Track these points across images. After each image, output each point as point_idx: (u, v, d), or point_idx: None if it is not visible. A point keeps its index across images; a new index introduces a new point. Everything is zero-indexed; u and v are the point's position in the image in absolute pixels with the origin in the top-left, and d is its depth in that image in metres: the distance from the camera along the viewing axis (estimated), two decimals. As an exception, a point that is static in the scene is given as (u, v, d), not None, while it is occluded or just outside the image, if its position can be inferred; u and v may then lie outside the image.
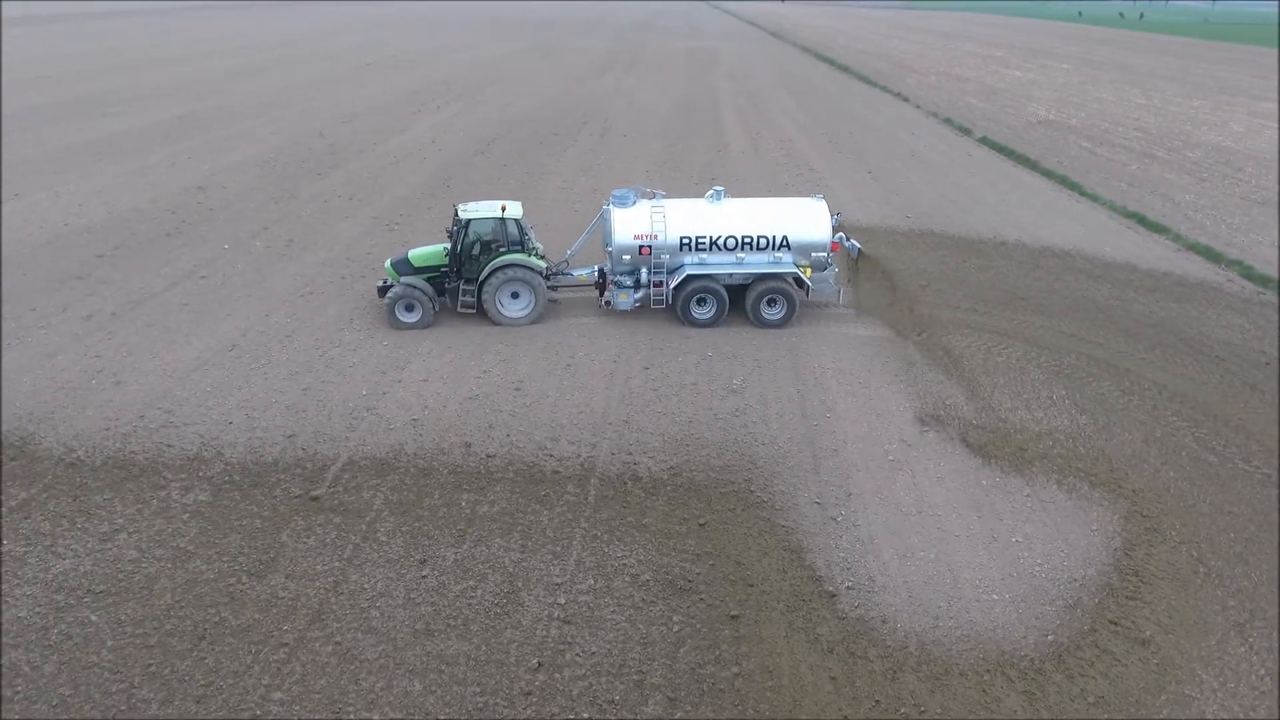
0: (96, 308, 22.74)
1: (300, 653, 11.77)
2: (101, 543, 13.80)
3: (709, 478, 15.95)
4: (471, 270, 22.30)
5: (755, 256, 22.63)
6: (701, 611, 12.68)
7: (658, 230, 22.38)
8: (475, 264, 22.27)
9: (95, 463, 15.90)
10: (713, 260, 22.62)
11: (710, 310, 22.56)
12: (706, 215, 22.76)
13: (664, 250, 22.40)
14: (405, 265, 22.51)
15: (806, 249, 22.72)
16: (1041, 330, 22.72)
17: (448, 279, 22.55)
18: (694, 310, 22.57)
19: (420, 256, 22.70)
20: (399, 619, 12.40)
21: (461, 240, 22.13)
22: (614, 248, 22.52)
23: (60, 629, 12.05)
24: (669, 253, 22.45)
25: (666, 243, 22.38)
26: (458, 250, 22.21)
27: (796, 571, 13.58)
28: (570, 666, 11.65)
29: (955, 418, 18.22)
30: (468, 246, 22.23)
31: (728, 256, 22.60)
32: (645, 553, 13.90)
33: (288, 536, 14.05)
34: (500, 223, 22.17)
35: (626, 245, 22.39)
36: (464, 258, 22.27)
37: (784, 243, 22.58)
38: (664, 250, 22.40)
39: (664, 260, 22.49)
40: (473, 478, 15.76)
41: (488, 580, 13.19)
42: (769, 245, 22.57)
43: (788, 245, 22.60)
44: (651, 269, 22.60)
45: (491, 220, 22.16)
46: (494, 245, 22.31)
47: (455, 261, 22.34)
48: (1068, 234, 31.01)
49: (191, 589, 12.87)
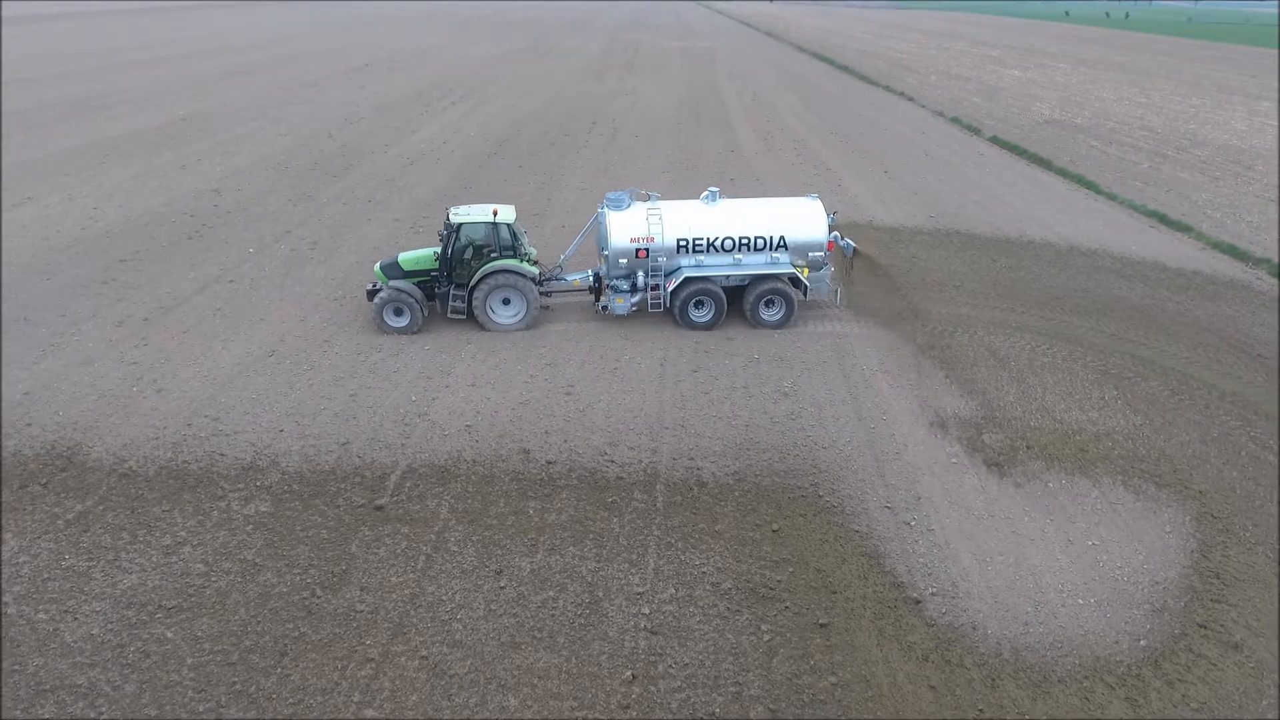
0: (127, 313, 22.30)
1: (387, 668, 11.48)
2: (166, 556, 13.45)
3: (774, 482, 15.75)
4: (462, 275, 21.79)
5: (752, 257, 22.37)
6: (789, 620, 12.47)
7: (654, 233, 22.01)
8: (466, 269, 21.77)
9: (149, 473, 15.52)
10: (710, 262, 22.29)
11: (708, 313, 22.23)
12: (703, 217, 22.41)
13: (661, 253, 22.04)
14: (395, 269, 21.94)
15: (803, 249, 22.49)
16: (1082, 330, 22.67)
17: (438, 284, 21.99)
18: (692, 313, 22.23)
19: (410, 260, 22.12)
20: (483, 631, 12.13)
21: (452, 244, 21.57)
22: (610, 251, 22.07)
23: (136, 646, 11.70)
24: (666, 255, 22.09)
25: (663, 245, 22.02)
26: (448, 255, 21.64)
27: (877, 578, 13.40)
28: (665, 679, 11.41)
29: (1011, 419, 18.10)
30: (458, 251, 21.70)
31: (725, 258, 22.30)
32: (722, 560, 13.68)
33: (357, 547, 13.74)
34: (492, 227, 21.64)
35: (623, 248, 21.98)
36: (454, 262, 21.73)
37: (781, 243, 22.34)
38: (661, 253, 22.04)
39: (661, 263, 22.09)
40: (536, 485, 15.49)
41: (567, 590, 12.93)
42: (766, 246, 22.33)
43: (784, 245, 22.37)
44: (648, 272, 22.19)
45: (483, 224, 21.61)
46: (486, 250, 21.82)
47: (445, 266, 21.77)
48: (1092, 233, 31.04)
49: (265, 603, 12.55)
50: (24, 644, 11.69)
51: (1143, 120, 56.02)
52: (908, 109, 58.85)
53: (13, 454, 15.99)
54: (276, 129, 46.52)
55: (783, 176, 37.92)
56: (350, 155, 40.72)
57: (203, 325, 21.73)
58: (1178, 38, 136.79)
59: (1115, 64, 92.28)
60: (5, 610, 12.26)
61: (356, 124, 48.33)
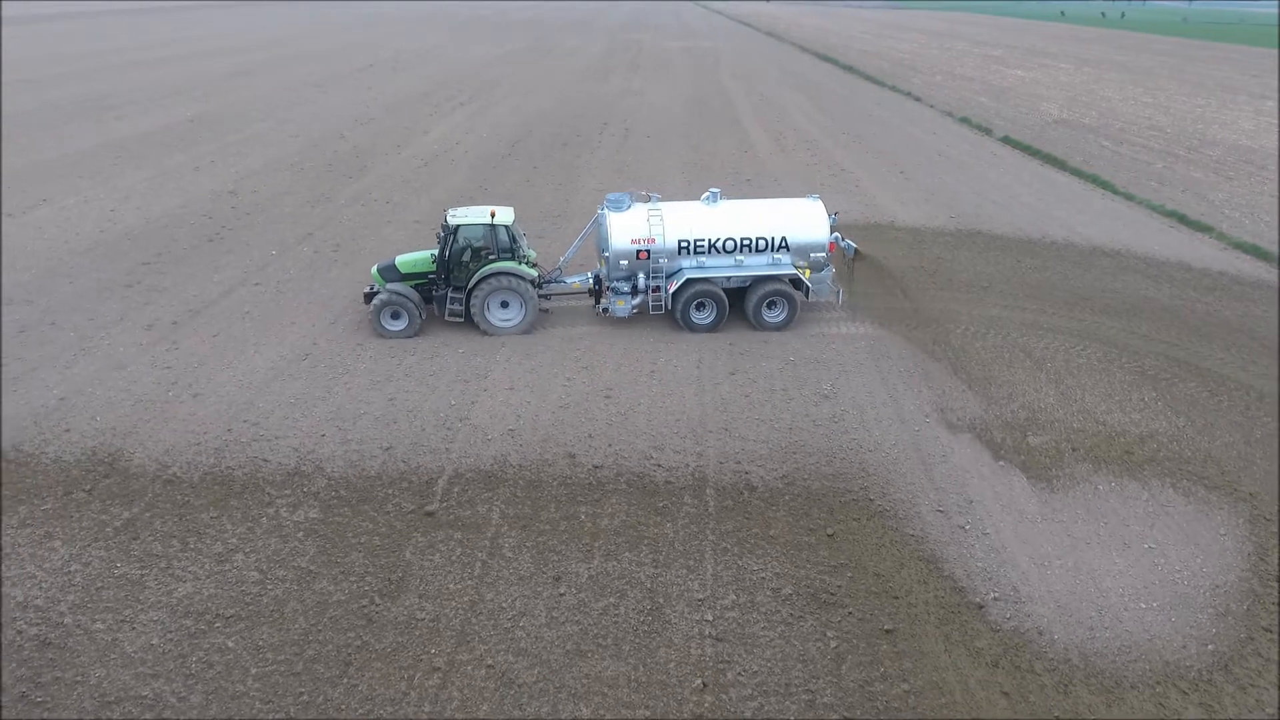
0: (155, 317, 22.10)
1: (454, 677, 11.34)
2: (219, 564, 13.28)
3: (824, 486, 15.65)
4: (460, 278, 21.48)
5: (754, 259, 22.17)
6: (853, 626, 12.37)
7: (655, 234, 21.77)
8: (464, 271, 21.48)
9: (193, 479, 15.36)
10: (711, 263, 22.07)
11: (710, 315, 22.01)
12: (704, 218, 22.19)
13: (662, 254, 21.81)
14: (392, 272, 21.67)
15: (805, 250, 22.31)
16: (1114, 331, 22.62)
17: (435, 286, 21.70)
18: (693, 315, 22.00)
19: (407, 263, 21.84)
20: (547, 639, 12.00)
21: (450, 247, 21.28)
22: (611, 253, 21.79)
23: (198, 656, 11.54)
24: (667, 257, 21.86)
25: (664, 246, 21.79)
26: (446, 257, 21.35)
27: (938, 582, 13.31)
28: (735, 686, 11.30)
29: (1053, 421, 18.03)
30: (456, 253, 21.41)
31: (726, 259, 22.10)
32: (780, 565, 13.58)
33: (411, 554, 13.60)
34: (490, 229, 21.34)
35: (624, 250, 21.73)
36: (452, 265, 21.44)
37: (783, 244, 22.16)
38: (662, 254, 21.81)
39: (662, 264, 21.86)
40: (585, 489, 15.36)
41: (627, 597, 12.81)
42: (768, 247, 22.13)
43: (786, 246, 22.18)
44: (649, 274, 21.94)
45: (481, 226, 21.32)
46: (484, 252, 21.54)
47: (443, 269, 21.48)
48: (1113, 233, 31.02)
49: (324, 611, 12.40)
50: (84, 654, 11.52)
51: (1151, 120, 56.10)
52: (916, 109, 58.83)
53: (53, 460, 15.81)
54: (286, 130, 46.27)
55: (799, 177, 37.82)
56: (363, 156, 40.51)
57: (232, 329, 21.54)
58: (1176, 37, 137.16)
59: (1117, 64, 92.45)
60: (63, 620, 12.10)
61: (367, 125, 48.11)
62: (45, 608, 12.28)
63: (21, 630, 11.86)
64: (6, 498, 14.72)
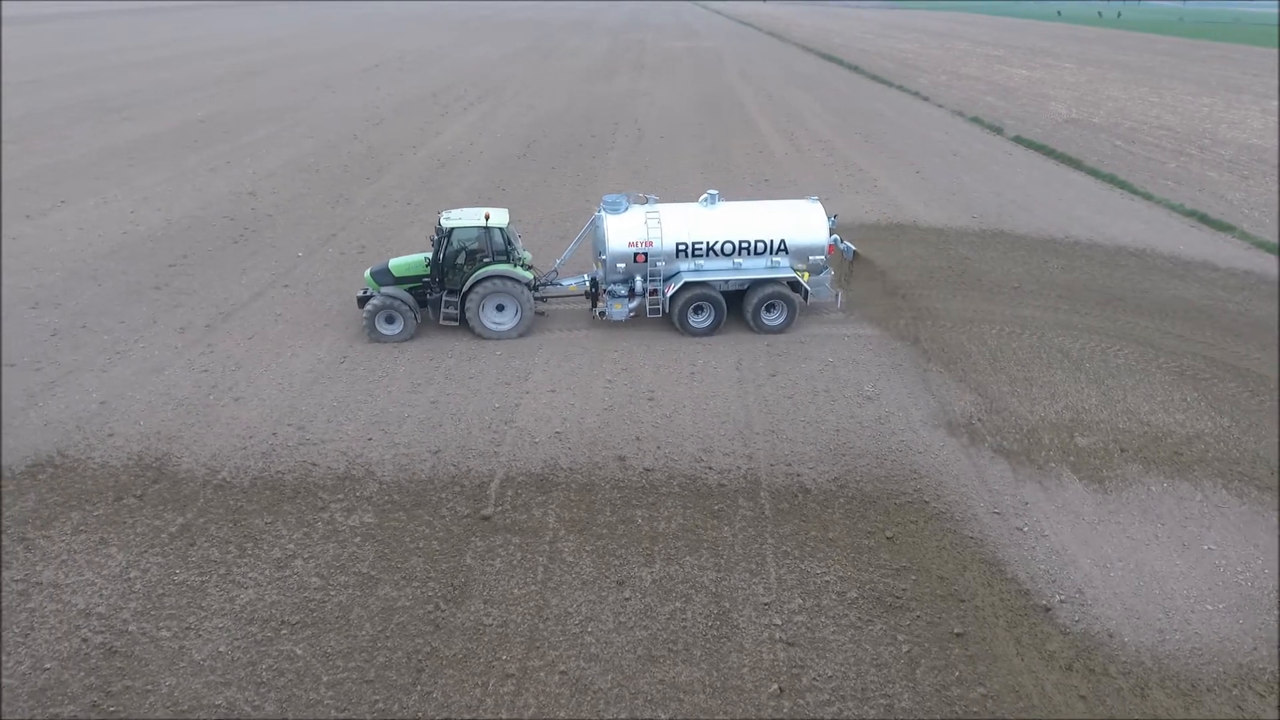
0: (187, 320, 21.95)
1: (528, 683, 11.24)
2: (278, 570, 13.16)
3: (877, 488, 15.58)
4: (454, 281, 21.22)
5: (752, 261, 21.97)
6: (923, 630, 12.30)
7: (653, 236, 21.50)
8: (458, 274, 21.21)
9: (243, 484, 15.23)
10: (709, 266, 21.81)
11: (708, 318, 21.76)
12: (702, 220, 21.95)
13: (659, 257, 21.57)
14: (385, 275, 21.36)
15: (804, 252, 22.09)
16: (1148, 331, 22.60)
17: (430, 290, 21.40)
18: (691, 319, 21.72)
19: (401, 266, 21.57)
20: (617, 644, 11.90)
21: (444, 249, 21.00)
22: (608, 256, 21.54)
23: (268, 664, 11.42)
24: (664, 259, 21.63)
25: (662, 249, 21.55)
26: (440, 260, 21.09)
27: (1002, 585, 13.24)
28: (811, 691, 11.22)
29: (1098, 422, 17.98)
30: (450, 256, 21.14)
31: (724, 262, 21.86)
32: (842, 568, 13.50)
33: (471, 559, 13.49)
34: (484, 231, 21.05)
35: (621, 253, 21.47)
36: (447, 268, 21.18)
37: (781, 246, 21.91)
38: (659, 257, 21.57)
39: (659, 267, 21.62)
40: (639, 493, 15.27)
41: (693, 601, 12.72)
42: (766, 249, 21.89)
43: (785, 249, 21.94)
44: (646, 277, 21.69)
45: (475, 229, 21.04)
46: (478, 255, 21.27)
47: (437, 272, 21.22)
48: (1135, 233, 31.04)
49: (390, 618, 12.28)
50: (152, 663, 11.39)
51: (1159, 119, 56.20)
52: (925, 109, 58.85)
53: (100, 465, 15.67)
54: (298, 131, 46.08)
55: (817, 178, 37.79)
56: (379, 157, 40.36)
57: (266, 331, 21.40)
58: (1174, 37, 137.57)
59: (1119, 63, 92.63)
60: (126, 627, 11.96)
61: (379, 125, 47.94)
62: (108, 615, 12.15)
63: (86, 638, 11.73)
64: (58, 503, 14.59)
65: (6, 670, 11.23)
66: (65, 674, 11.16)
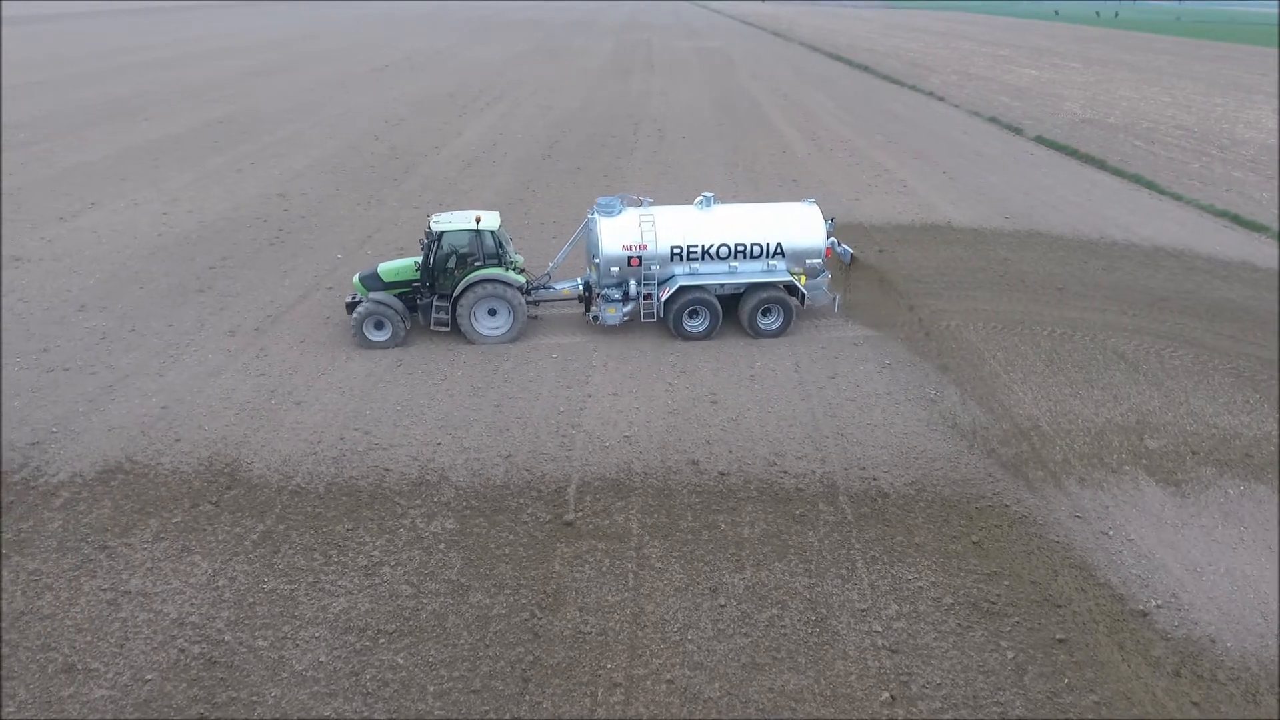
0: (235, 323, 21.76)
1: (637, 693, 11.11)
2: (367, 577, 13.01)
3: (955, 492, 15.49)
4: (445, 285, 20.88)
5: (749, 265, 21.61)
6: (1025, 636, 12.20)
7: (647, 240, 21.16)
8: (449, 279, 20.87)
9: (319, 490, 15.06)
10: (705, 270, 21.48)
11: (704, 322, 21.50)
12: (697, 223, 21.61)
13: (654, 261, 21.22)
14: (374, 280, 20.99)
15: (801, 256, 21.77)
16: (1199, 332, 22.54)
17: (420, 295, 21.04)
18: (686, 323, 21.43)
19: (390, 271, 21.21)
20: (719, 652, 11.78)
21: (434, 253, 20.62)
22: (601, 259, 21.19)
23: (371, 674, 11.27)
24: (659, 263, 21.27)
25: (656, 253, 21.18)
26: (430, 264, 20.73)
27: (1095, 590, 13.15)
28: (923, 699, 11.12)
29: (1165, 424, 17.91)
30: (440, 260, 20.78)
31: (720, 265, 21.51)
32: (933, 574, 13.40)
33: (560, 566, 13.35)
34: (475, 235, 20.65)
35: (615, 256, 21.12)
36: (437, 272, 20.84)
37: (778, 250, 21.58)
38: (654, 261, 21.22)
39: (654, 271, 21.29)
40: (717, 497, 15.15)
41: (789, 608, 12.60)
42: (763, 253, 21.55)
43: (781, 252, 21.62)
44: (641, 280, 21.35)
45: (466, 232, 20.65)
46: (469, 259, 20.96)
47: (427, 276, 20.87)
48: (1170, 233, 31.02)
49: (486, 626, 12.14)
50: (254, 673, 11.23)
51: (1175, 119, 56.26)
52: (942, 109, 58.84)
53: (171, 470, 15.49)
54: (319, 131, 45.85)
55: (844, 179, 37.72)
56: (403, 157, 40.15)
57: (317, 334, 21.22)
58: (1174, 36, 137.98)
59: (1125, 63, 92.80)
60: (223, 637, 11.80)
61: (398, 126, 47.71)
62: (202, 624, 11.98)
63: (184, 649, 11.56)
64: (135, 510, 14.41)
65: (107, 681, 11.07)
66: (168, 685, 11.00)
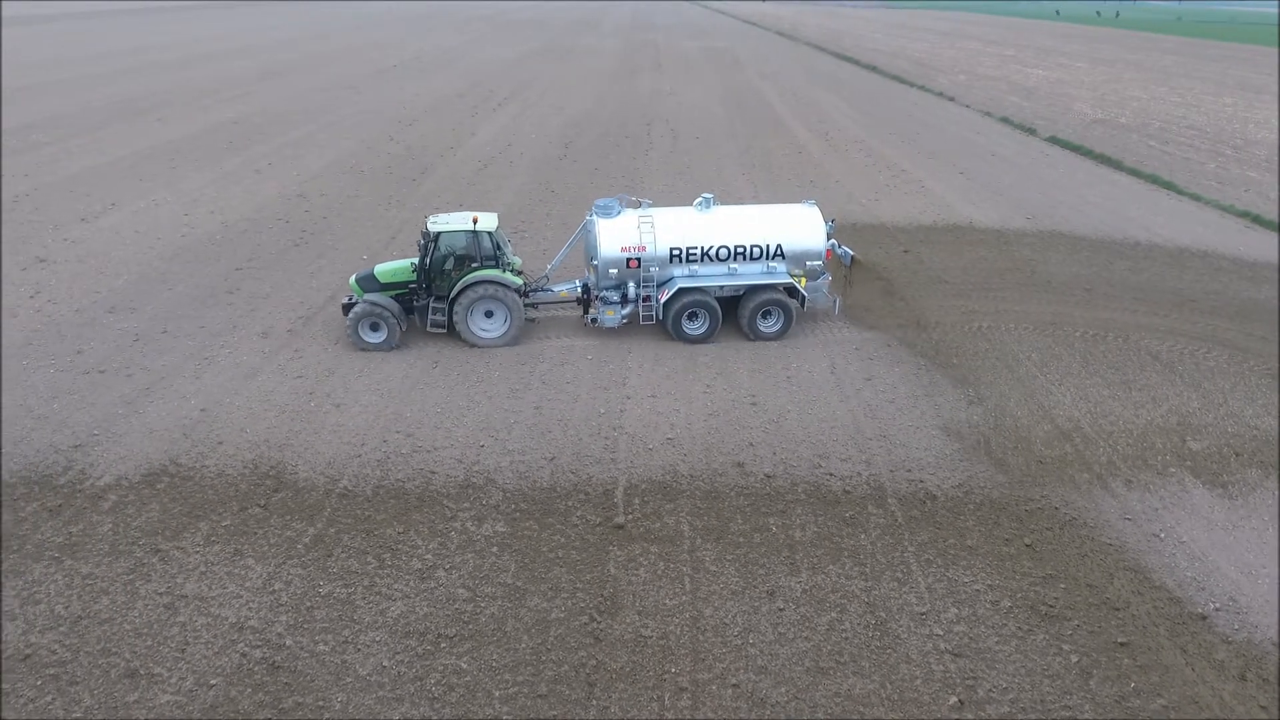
0: (267, 324, 21.68)
1: (703, 697, 11.06)
2: (422, 581, 12.94)
3: (1003, 494, 15.43)
4: (442, 287, 20.71)
5: (748, 267, 21.42)
6: (1086, 639, 12.15)
7: (646, 241, 20.95)
8: (446, 280, 20.71)
9: (366, 492, 15.00)
10: (704, 272, 21.29)
11: (703, 325, 21.30)
12: (696, 224, 21.40)
13: (653, 262, 21.03)
14: (371, 281, 20.84)
15: (801, 258, 21.56)
16: (1231, 333, 22.53)
17: (416, 296, 20.89)
18: (685, 325, 21.21)
19: (387, 272, 21.05)
20: (782, 656, 11.73)
21: (431, 255, 20.47)
22: (600, 261, 21.00)
23: (435, 679, 11.21)
24: (658, 265, 21.09)
25: (655, 254, 20.98)
26: (426, 265, 20.58)
27: (1152, 593, 13.11)
28: (991, 703, 11.07)
29: (1205, 425, 17.88)
30: (438, 261, 20.62)
31: (720, 267, 21.31)
32: (989, 577, 13.36)
33: (615, 569, 13.30)
34: (473, 236, 20.50)
35: (613, 258, 20.93)
36: (434, 273, 20.68)
37: (778, 251, 21.38)
38: (653, 262, 21.03)
39: (653, 273, 21.11)
40: (765, 500, 15.10)
41: (848, 611, 12.56)
42: (763, 255, 21.34)
43: (782, 254, 21.42)
44: (640, 283, 21.18)
45: (463, 233, 20.50)
46: (466, 260, 20.77)
47: (424, 277, 20.71)
48: (1193, 234, 31.01)
49: (546, 630, 12.08)
50: (317, 678, 11.17)
51: (1186, 119, 56.29)
52: (953, 109, 58.83)
53: (216, 473, 15.42)
54: (333, 131, 45.76)
55: (862, 180, 37.69)
56: (419, 158, 40.07)
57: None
58: (1176, 36, 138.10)
59: (1131, 63, 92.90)
60: (283, 642, 11.74)
61: (412, 126, 47.63)
62: (262, 629, 11.92)
63: (245, 653, 11.50)
64: (183, 513, 14.34)
65: (171, 686, 11.01)
66: (233, 690, 10.93)
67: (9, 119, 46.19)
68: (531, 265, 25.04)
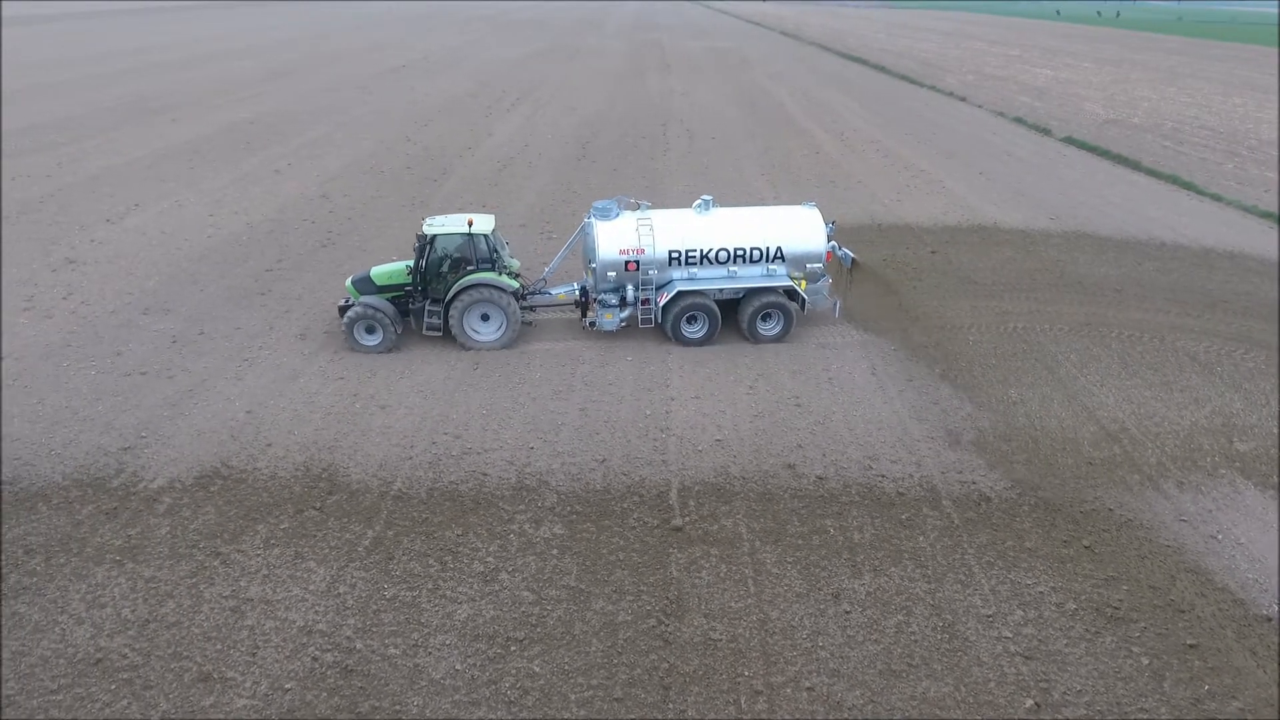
0: (304, 326, 21.64)
1: (779, 701, 11.03)
2: (486, 584, 12.91)
3: (1057, 495, 15.40)
4: (438, 290, 20.63)
5: (748, 269, 21.26)
6: (1155, 642, 12.14)
7: (644, 244, 20.78)
8: (442, 283, 20.63)
9: (421, 495, 14.96)
10: (703, 274, 21.14)
11: (702, 328, 21.18)
12: (695, 227, 21.25)
13: (651, 265, 20.87)
14: (367, 284, 20.79)
15: (801, 260, 21.41)
16: (1266, 334, 22.51)
17: (412, 299, 20.82)
18: (685, 329, 21.10)
19: (383, 274, 20.99)
20: (853, 659, 11.71)
21: (426, 257, 20.39)
22: (598, 264, 20.86)
23: (509, 682, 11.18)
24: (657, 268, 20.94)
25: (654, 257, 20.83)
26: (422, 268, 20.51)
27: (1215, 595, 13.11)
28: (1067, 706, 11.06)
29: (1250, 426, 17.87)
30: (433, 264, 20.56)
31: (719, 270, 21.17)
32: (1051, 579, 13.34)
33: (677, 571, 13.27)
34: (468, 239, 20.40)
35: (612, 261, 20.77)
36: (429, 276, 20.61)
37: (778, 254, 21.24)
38: (651, 265, 20.87)
39: (652, 276, 20.95)
40: (820, 502, 15.08)
41: (914, 614, 12.54)
42: (762, 257, 21.19)
43: (781, 257, 21.27)
44: (638, 285, 21.01)
45: (459, 236, 20.40)
46: (462, 263, 20.63)
47: (419, 280, 20.65)
48: (1218, 234, 31.02)
49: (615, 633, 12.05)
50: (391, 682, 11.13)
51: (1198, 119, 56.34)
52: (965, 110, 58.85)
53: (269, 476, 15.38)
54: (348, 132, 45.68)
55: (882, 180, 37.67)
56: (438, 158, 40.01)
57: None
58: (1178, 36, 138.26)
59: (1137, 63, 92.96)
60: (354, 645, 11.70)
61: (427, 126, 47.56)
62: (330, 632, 11.88)
63: (317, 657, 11.46)
64: (239, 516, 14.30)
65: (246, 690, 10.97)
66: (308, 694, 10.90)
67: (18, 120, 46.03)
68: (548, 262, 24.99)
